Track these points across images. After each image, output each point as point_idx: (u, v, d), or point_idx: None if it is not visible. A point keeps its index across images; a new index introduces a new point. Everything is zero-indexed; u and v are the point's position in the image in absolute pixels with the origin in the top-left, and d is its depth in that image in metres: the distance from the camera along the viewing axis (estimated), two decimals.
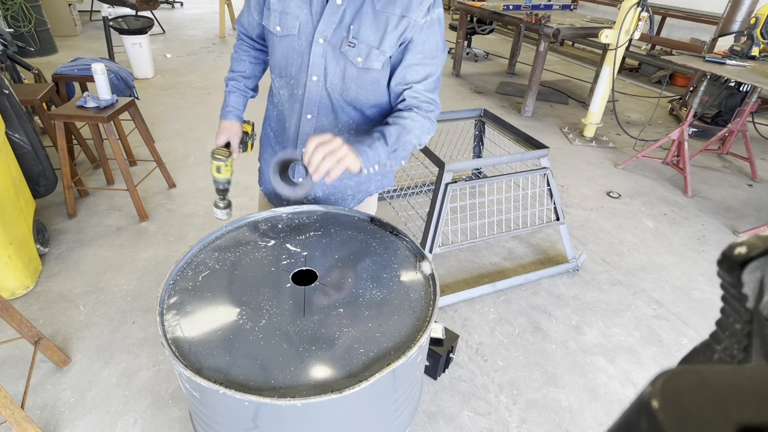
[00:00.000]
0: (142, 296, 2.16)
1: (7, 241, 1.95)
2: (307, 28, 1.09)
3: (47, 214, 2.68)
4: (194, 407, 0.89)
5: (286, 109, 1.23)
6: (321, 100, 1.17)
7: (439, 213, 2.12)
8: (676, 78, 5.89)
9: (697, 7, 5.91)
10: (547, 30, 4.13)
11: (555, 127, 4.40)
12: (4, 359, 1.81)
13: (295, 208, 1.21)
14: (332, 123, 1.19)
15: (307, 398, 0.71)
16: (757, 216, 3.10)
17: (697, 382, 0.16)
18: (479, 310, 2.19)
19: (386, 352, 0.82)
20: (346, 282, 0.98)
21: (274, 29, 1.12)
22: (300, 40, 1.11)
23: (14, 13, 5.23)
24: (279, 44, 1.14)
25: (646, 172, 3.60)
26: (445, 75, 5.81)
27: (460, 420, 1.68)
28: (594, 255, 2.62)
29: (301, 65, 1.13)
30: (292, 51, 1.13)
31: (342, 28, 1.07)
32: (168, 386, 1.74)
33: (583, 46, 7.39)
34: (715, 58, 3.22)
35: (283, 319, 0.88)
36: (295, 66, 1.14)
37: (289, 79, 1.17)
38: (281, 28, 1.11)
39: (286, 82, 1.19)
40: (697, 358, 0.28)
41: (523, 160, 2.24)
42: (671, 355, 2.02)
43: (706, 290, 2.41)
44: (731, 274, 0.24)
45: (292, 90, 1.18)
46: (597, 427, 1.69)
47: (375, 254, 1.07)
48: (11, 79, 3.37)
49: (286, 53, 1.14)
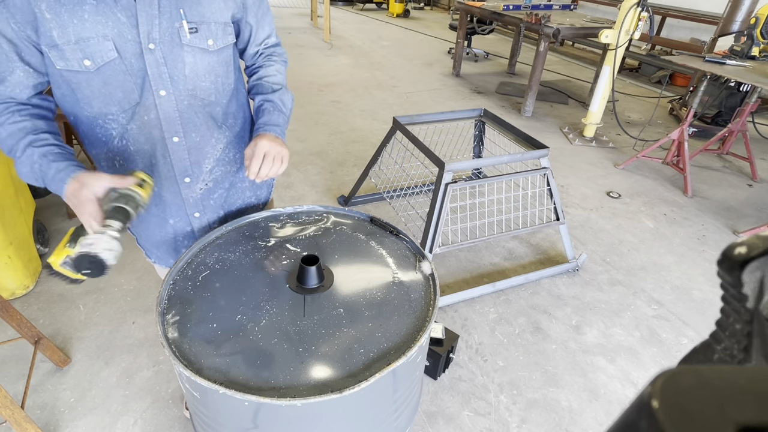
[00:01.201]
0: (142, 296, 2.16)
1: (7, 241, 1.95)
2: (128, 40, 0.86)
3: (47, 214, 2.68)
4: (194, 407, 0.89)
5: (138, 144, 0.97)
6: (182, 114, 0.97)
7: (439, 213, 2.12)
8: (676, 78, 5.89)
9: (697, 7, 5.91)
10: (547, 30, 4.13)
11: (555, 127, 4.40)
12: (4, 359, 1.81)
13: (295, 208, 1.21)
14: (208, 134, 1.03)
15: (307, 398, 0.71)
16: (757, 216, 3.10)
17: (697, 382, 0.16)
18: (479, 310, 2.19)
19: (386, 352, 0.82)
20: (346, 282, 0.98)
21: (81, 66, 0.85)
22: (124, 59, 0.87)
23: None
24: (93, 80, 0.88)
25: (646, 172, 3.60)
26: (445, 75, 5.82)
27: (460, 420, 1.68)
28: (594, 255, 2.62)
29: (142, 86, 0.91)
30: (116, 77, 0.89)
31: (170, 17, 0.88)
32: (168, 386, 1.74)
33: (583, 46, 7.39)
34: (715, 58, 3.23)
35: (283, 319, 0.88)
36: (129, 92, 0.91)
37: (125, 110, 0.93)
38: (91, 60, 0.85)
39: (125, 116, 0.94)
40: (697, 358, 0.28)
41: (523, 160, 2.24)
42: (671, 355, 2.02)
43: (706, 290, 2.41)
44: (731, 274, 0.24)
45: (140, 119, 0.95)
46: (597, 427, 1.69)
47: (375, 254, 1.07)
48: None
49: (107, 83, 0.89)
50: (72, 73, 0.87)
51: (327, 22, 7.15)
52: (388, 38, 7.78)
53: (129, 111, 0.93)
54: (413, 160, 3.27)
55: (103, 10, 0.82)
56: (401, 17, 9.86)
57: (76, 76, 0.87)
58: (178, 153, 1.01)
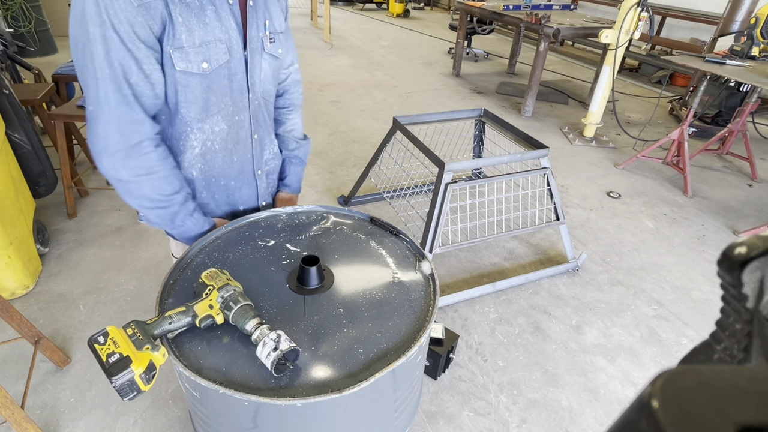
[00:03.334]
0: (142, 296, 2.16)
1: (7, 241, 1.95)
2: (234, 45, 0.93)
3: (47, 214, 2.68)
4: (194, 407, 0.89)
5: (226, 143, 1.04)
6: (259, 114, 1.08)
7: (439, 213, 2.12)
8: (676, 78, 5.89)
9: (697, 7, 5.92)
10: (547, 30, 4.13)
11: (555, 127, 4.40)
12: (4, 359, 1.81)
13: (295, 208, 1.21)
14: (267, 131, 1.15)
15: (307, 398, 0.71)
16: (757, 216, 3.10)
17: (697, 382, 0.16)
18: (479, 310, 2.19)
19: (386, 352, 0.82)
20: (346, 282, 0.98)
21: (199, 68, 0.90)
22: (231, 63, 0.94)
23: (14, 13, 5.23)
24: (200, 84, 0.92)
25: (646, 172, 3.60)
26: (445, 75, 5.82)
27: (460, 420, 1.68)
28: (594, 255, 2.62)
29: (240, 88, 0.99)
30: (219, 81, 0.95)
31: (257, 27, 0.97)
32: (168, 386, 1.74)
33: (583, 46, 7.40)
34: (715, 58, 3.23)
35: (283, 319, 0.88)
36: (229, 93, 0.98)
37: (222, 111, 0.99)
38: (208, 63, 0.90)
39: (220, 118, 1.00)
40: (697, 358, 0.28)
41: (523, 160, 2.24)
42: (671, 355, 2.02)
43: (706, 290, 2.41)
44: (731, 274, 0.24)
45: (231, 119, 1.02)
46: (597, 427, 1.69)
47: (375, 254, 1.07)
48: (11, 79, 3.37)
49: (210, 88, 0.94)
50: (187, 75, 0.90)
51: (327, 22, 7.15)
52: (388, 38, 7.78)
53: (219, 115, 0.99)
54: (413, 160, 3.27)
55: (220, 15, 0.89)
56: (401, 17, 9.86)
57: (188, 79, 0.90)
58: (257, 149, 1.12)
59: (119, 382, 0.69)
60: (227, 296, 0.83)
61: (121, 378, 0.69)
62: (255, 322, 0.80)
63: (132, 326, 0.76)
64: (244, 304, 0.83)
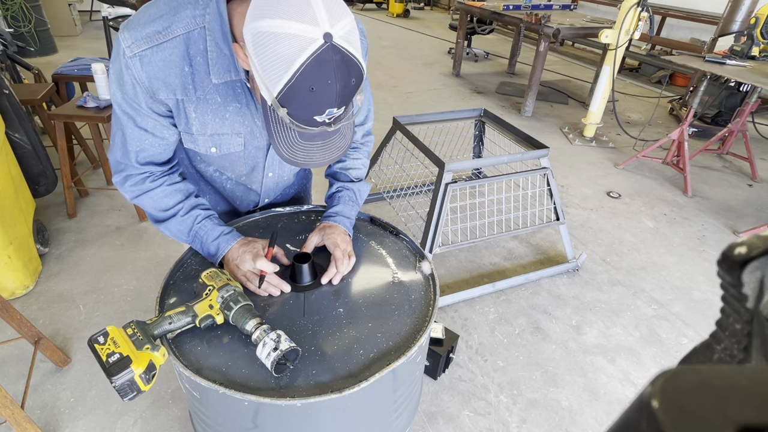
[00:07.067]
0: (142, 296, 2.16)
1: (7, 241, 1.95)
2: (255, 137, 0.95)
3: (47, 214, 2.68)
4: (194, 407, 0.89)
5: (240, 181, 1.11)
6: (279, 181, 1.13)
7: (439, 213, 2.12)
8: (676, 78, 5.88)
9: (697, 7, 5.91)
10: (547, 30, 4.13)
11: (555, 127, 4.40)
12: (4, 359, 1.81)
13: (295, 208, 1.21)
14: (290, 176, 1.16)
15: (307, 398, 0.71)
16: (757, 216, 3.10)
17: (697, 382, 0.16)
18: (479, 310, 2.19)
19: (386, 352, 0.82)
20: (346, 282, 0.98)
21: (208, 151, 0.94)
22: (247, 151, 0.97)
23: (14, 13, 5.23)
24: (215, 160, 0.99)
25: (646, 172, 3.60)
26: (445, 75, 5.82)
27: (460, 420, 1.68)
28: (594, 255, 2.62)
29: (254, 167, 1.02)
30: (236, 159, 0.98)
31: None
32: (168, 386, 1.74)
33: (583, 46, 7.39)
34: (715, 58, 3.22)
35: (283, 318, 0.88)
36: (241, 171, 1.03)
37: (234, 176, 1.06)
38: (218, 149, 0.93)
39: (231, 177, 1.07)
40: (697, 358, 0.28)
41: (523, 160, 2.24)
42: (671, 355, 2.02)
43: (706, 290, 2.41)
44: (731, 274, 0.24)
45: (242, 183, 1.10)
46: (597, 427, 1.69)
47: (375, 254, 1.07)
48: (11, 79, 3.37)
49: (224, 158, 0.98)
50: (196, 154, 0.99)
51: None
52: (388, 38, 7.78)
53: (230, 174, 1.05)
54: (413, 160, 3.26)
55: (243, 112, 0.89)
56: (401, 17, 9.86)
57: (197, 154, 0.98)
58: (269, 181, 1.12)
59: (119, 382, 0.69)
60: (227, 296, 0.83)
61: (121, 378, 0.70)
62: (255, 322, 0.80)
63: (132, 326, 0.76)
64: (244, 304, 0.83)
